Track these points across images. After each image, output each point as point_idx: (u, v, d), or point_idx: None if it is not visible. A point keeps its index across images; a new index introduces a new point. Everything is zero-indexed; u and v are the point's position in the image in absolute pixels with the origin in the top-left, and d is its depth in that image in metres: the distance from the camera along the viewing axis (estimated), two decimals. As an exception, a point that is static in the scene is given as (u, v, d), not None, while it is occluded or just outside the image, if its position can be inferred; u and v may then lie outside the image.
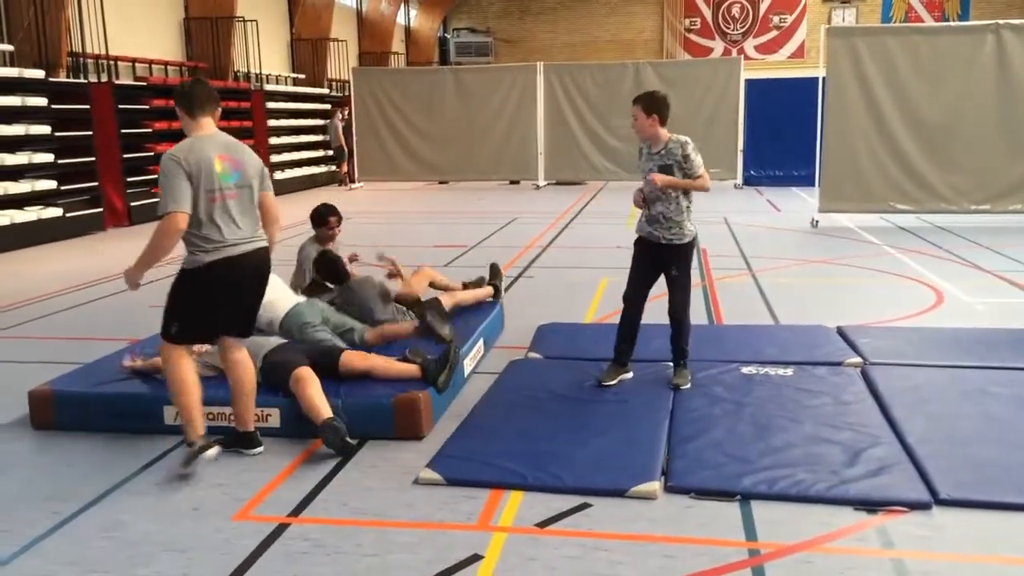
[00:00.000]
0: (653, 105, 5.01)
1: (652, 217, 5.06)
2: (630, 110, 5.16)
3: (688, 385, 5.00)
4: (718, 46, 28.66)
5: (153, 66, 15.25)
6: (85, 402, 4.62)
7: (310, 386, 4.32)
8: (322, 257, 5.80)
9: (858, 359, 5.43)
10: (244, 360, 4.19)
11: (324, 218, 6.20)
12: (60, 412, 4.63)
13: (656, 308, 7.20)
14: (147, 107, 13.93)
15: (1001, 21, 11.40)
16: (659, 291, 7.62)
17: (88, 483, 3.98)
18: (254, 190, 4.09)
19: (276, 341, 4.83)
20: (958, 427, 4.28)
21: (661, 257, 5.10)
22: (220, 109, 4.21)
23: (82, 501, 3.80)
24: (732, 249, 10.11)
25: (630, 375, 5.16)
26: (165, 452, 4.26)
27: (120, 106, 13.17)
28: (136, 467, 4.15)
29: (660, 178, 4.91)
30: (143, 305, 7.32)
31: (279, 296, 5.19)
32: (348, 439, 4.18)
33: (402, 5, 27.12)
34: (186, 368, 4.07)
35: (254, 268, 4.09)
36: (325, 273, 5.77)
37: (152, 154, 13.70)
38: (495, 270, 6.69)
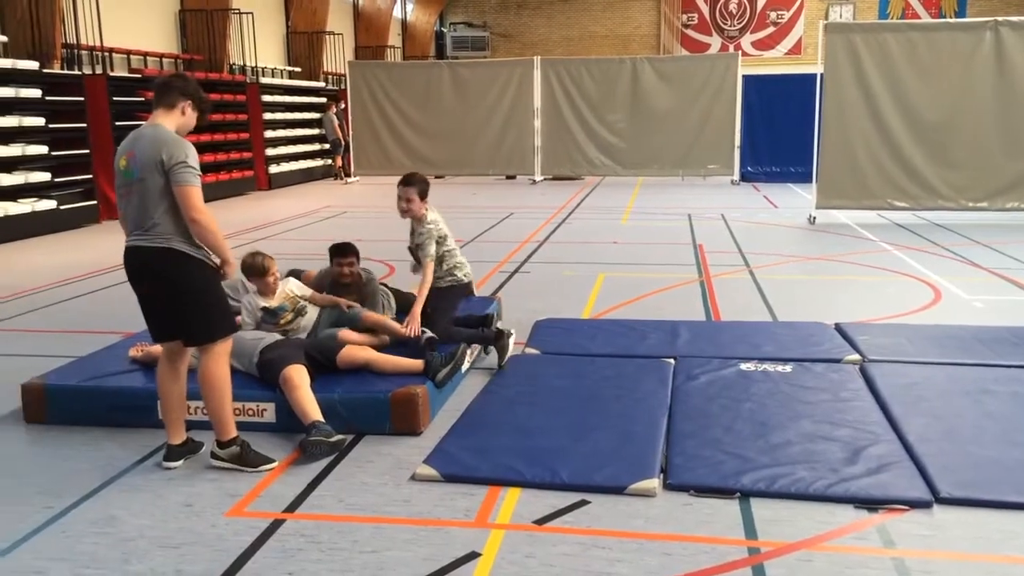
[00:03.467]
0: (426, 188, 5.47)
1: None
2: (403, 192, 5.43)
3: (508, 348, 5.37)
4: (715, 42, 28.66)
5: (148, 58, 15.17)
6: (78, 396, 4.58)
7: (297, 389, 4.28)
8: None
9: (857, 356, 5.41)
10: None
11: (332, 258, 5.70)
12: (53, 406, 4.58)
13: (651, 305, 7.19)
14: (142, 99, 13.83)
15: (999, 18, 11.38)
16: (656, 287, 7.60)
17: (81, 478, 3.94)
18: (151, 183, 3.73)
19: (273, 337, 4.79)
20: (958, 425, 4.26)
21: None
22: (183, 104, 3.91)
23: (75, 496, 3.76)
24: (729, 245, 10.09)
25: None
26: (159, 447, 4.21)
27: (114, 98, 13.08)
28: (129, 462, 4.11)
29: (414, 331, 5.17)
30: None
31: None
32: (334, 439, 4.11)
33: (399, -1, 27.05)
34: (160, 371, 4.06)
35: (134, 266, 3.88)
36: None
37: (147, 147, 13.60)
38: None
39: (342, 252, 5.46)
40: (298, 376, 4.33)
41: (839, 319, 6.33)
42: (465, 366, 5.20)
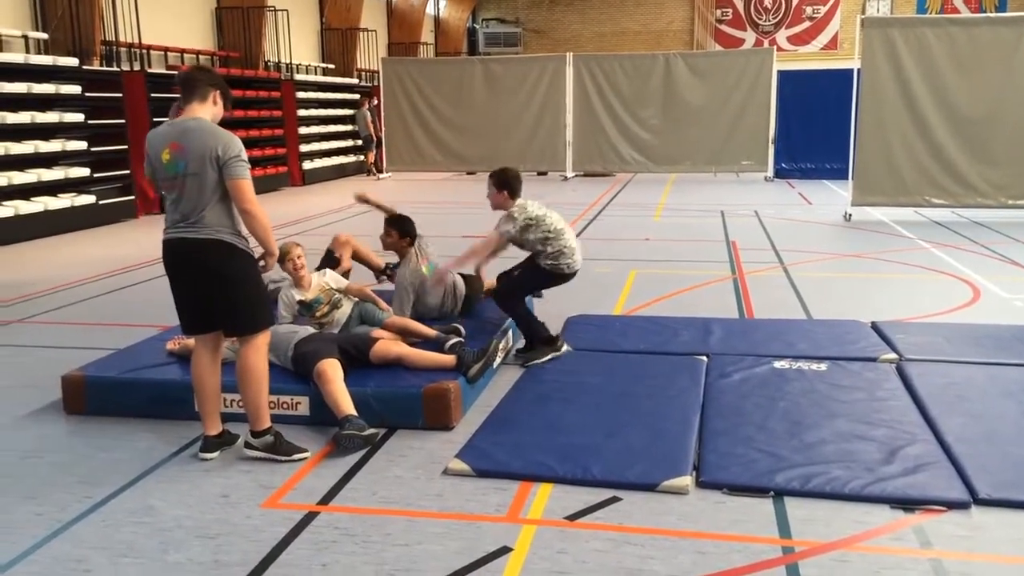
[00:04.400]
0: (504, 182, 5.47)
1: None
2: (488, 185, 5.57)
3: (542, 360, 5.32)
4: (750, 37, 28.36)
5: (185, 55, 15.35)
6: (117, 388, 4.65)
7: (331, 383, 4.31)
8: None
9: (893, 355, 5.33)
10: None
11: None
12: (92, 397, 4.66)
13: (684, 302, 7.14)
14: (179, 96, 13.99)
15: (1043, 12, 11.15)
16: (688, 284, 7.53)
17: (120, 468, 4.01)
18: (204, 177, 3.78)
19: (307, 331, 4.84)
20: (997, 426, 4.19)
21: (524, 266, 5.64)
22: (213, 94, 3.98)
23: (114, 486, 3.82)
24: (763, 242, 10.00)
25: (560, 352, 5.47)
26: (195, 438, 4.26)
27: (152, 95, 13.26)
28: (167, 453, 4.17)
29: (436, 278, 5.63)
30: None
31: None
32: (367, 432, 4.14)
33: (431, -5, 27.10)
34: (196, 363, 4.07)
35: (178, 257, 3.91)
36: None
37: (183, 143, 13.79)
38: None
39: (385, 222, 5.93)
40: (332, 370, 4.37)
41: (875, 317, 6.25)
42: (497, 362, 5.21)
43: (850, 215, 11.70)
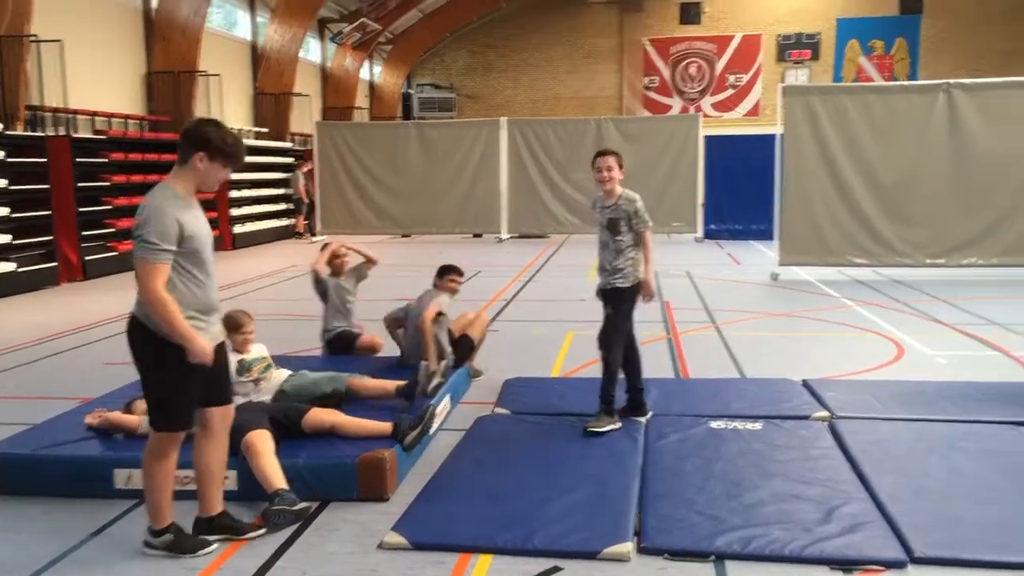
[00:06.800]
0: (622, 160, 5.51)
1: (601, 267, 5.53)
2: (596, 162, 5.62)
3: (601, 430, 5.05)
4: (676, 103, 29.32)
5: (113, 120, 15.11)
6: (32, 465, 4.42)
7: (260, 456, 4.16)
8: None
9: (825, 412, 5.42)
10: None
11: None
12: (5, 476, 4.42)
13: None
14: (106, 160, 13.75)
15: (952, 80, 11.77)
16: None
17: (35, 551, 3.78)
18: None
19: (235, 401, 4.68)
20: (928, 483, 4.26)
21: (605, 300, 5.49)
22: (195, 156, 3.62)
23: (28, 571, 3.60)
24: (695, 302, 10.16)
25: (618, 426, 5.18)
26: (116, 517, 4.07)
27: (78, 159, 12.98)
28: (85, 534, 3.96)
29: (649, 296, 5.53)
30: (97, 363, 7.11)
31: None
32: (299, 507, 3.99)
33: (366, 61, 27.37)
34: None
35: None
36: None
37: (110, 207, 13.50)
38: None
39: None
40: (261, 442, 4.23)
41: (805, 375, 6.36)
42: (434, 427, 5.13)
43: (777, 275, 12.00)
